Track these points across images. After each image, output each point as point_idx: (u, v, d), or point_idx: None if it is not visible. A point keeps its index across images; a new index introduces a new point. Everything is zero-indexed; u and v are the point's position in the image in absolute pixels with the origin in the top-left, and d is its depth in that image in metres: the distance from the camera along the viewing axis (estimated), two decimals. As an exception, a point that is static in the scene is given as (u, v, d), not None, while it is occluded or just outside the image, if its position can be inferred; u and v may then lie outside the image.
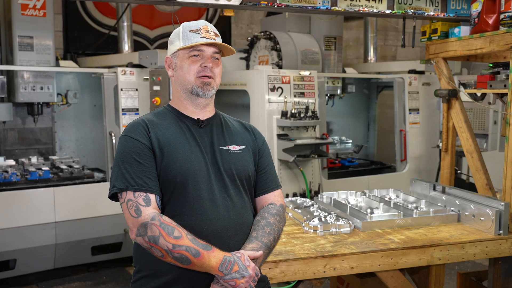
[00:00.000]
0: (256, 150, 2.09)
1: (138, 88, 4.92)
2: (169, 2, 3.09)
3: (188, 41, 1.92)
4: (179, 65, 1.96)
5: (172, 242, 1.74)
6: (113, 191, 1.85)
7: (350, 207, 3.19)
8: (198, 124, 1.98)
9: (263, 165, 2.10)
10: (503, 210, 2.94)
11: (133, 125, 1.93)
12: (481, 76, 3.51)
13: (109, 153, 4.91)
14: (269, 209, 2.04)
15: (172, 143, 1.90)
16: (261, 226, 1.96)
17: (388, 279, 2.80)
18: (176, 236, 1.74)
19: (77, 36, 6.78)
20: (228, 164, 1.97)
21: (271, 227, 1.97)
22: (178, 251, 1.74)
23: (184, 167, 1.87)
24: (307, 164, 5.00)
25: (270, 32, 5.61)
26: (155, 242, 1.75)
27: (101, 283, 4.83)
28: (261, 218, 2.00)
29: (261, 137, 2.15)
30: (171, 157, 1.87)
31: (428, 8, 3.64)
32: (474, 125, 5.50)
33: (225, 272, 1.76)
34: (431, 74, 6.23)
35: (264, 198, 2.08)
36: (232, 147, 2.01)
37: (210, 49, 1.94)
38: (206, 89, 1.94)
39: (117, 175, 1.85)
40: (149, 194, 1.82)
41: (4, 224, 4.38)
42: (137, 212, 1.79)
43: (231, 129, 2.07)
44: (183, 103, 1.99)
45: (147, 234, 1.76)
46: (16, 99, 4.95)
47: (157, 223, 1.76)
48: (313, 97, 5.08)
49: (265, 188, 2.08)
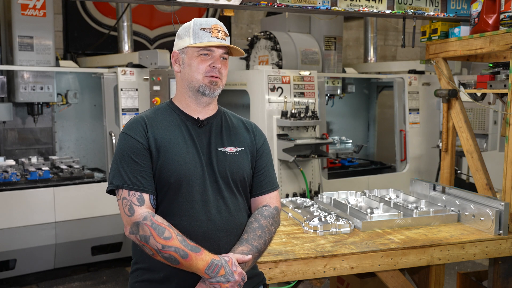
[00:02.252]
0: (255, 151, 2.07)
1: (138, 88, 4.92)
2: (169, 2, 3.09)
3: (198, 39, 1.91)
4: (187, 63, 1.94)
5: (161, 242, 1.76)
6: (109, 187, 1.89)
7: (350, 207, 3.19)
8: (197, 123, 1.97)
9: (261, 166, 2.08)
10: (503, 210, 2.94)
11: (133, 123, 1.93)
12: (481, 76, 3.51)
13: (109, 153, 4.91)
14: (263, 211, 2.02)
15: (169, 144, 1.90)
16: (253, 229, 1.95)
17: (388, 279, 2.80)
18: (166, 236, 1.77)
19: (77, 36, 6.78)
20: (223, 166, 1.95)
21: (263, 230, 1.96)
22: (167, 252, 1.76)
23: (179, 168, 1.88)
24: (307, 164, 5.00)
25: (270, 32, 5.61)
26: (146, 241, 1.78)
27: (101, 283, 4.83)
28: (254, 220, 1.99)
29: (262, 136, 2.13)
30: (166, 158, 1.88)
31: (428, 8, 3.64)
32: (474, 125, 5.50)
33: (211, 275, 1.77)
34: (431, 74, 6.23)
35: (259, 199, 2.07)
36: (229, 148, 1.99)
37: (220, 50, 1.95)
38: (213, 88, 1.93)
39: (114, 172, 1.88)
40: (143, 193, 1.85)
41: (4, 224, 4.38)
42: (131, 211, 1.83)
43: (231, 129, 2.04)
44: (187, 101, 1.98)
45: (139, 233, 1.80)
46: (16, 99, 4.95)
47: (149, 223, 1.79)
48: (313, 97, 5.08)
49: (261, 189, 2.07)
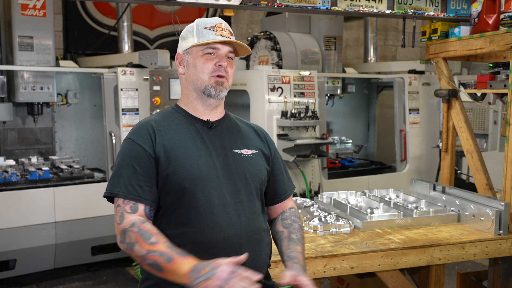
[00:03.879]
0: (269, 156, 2.02)
1: (138, 88, 4.91)
2: (169, 2, 3.09)
3: (203, 38, 1.83)
4: (192, 63, 1.86)
5: (146, 248, 1.63)
6: (105, 194, 1.80)
7: (350, 207, 3.19)
8: (207, 125, 1.89)
9: (278, 171, 2.05)
10: (503, 210, 2.94)
11: (139, 128, 1.84)
12: (481, 76, 3.51)
13: (109, 153, 4.91)
14: (292, 212, 2.06)
15: (179, 148, 1.80)
16: (297, 229, 1.99)
17: (388, 279, 2.80)
18: (152, 242, 1.64)
19: (77, 36, 6.78)
20: (241, 168, 1.88)
21: (300, 231, 2.01)
22: (151, 257, 1.62)
23: (192, 171, 1.78)
24: (307, 164, 5.00)
25: (270, 32, 5.61)
26: (131, 248, 1.67)
27: (101, 283, 4.83)
28: (291, 221, 2.01)
29: (273, 142, 2.08)
30: (178, 162, 1.78)
31: (428, 8, 3.64)
32: (474, 125, 5.50)
33: (196, 277, 1.57)
34: (431, 74, 6.23)
35: (284, 203, 2.07)
36: (244, 151, 1.92)
37: (226, 48, 1.86)
38: (219, 89, 1.87)
39: (113, 178, 1.79)
40: (138, 203, 1.74)
41: (4, 224, 4.38)
42: (120, 219, 1.72)
43: (242, 133, 1.98)
44: (193, 103, 1.90)
45: (125, 241, 1.69)
46: (16, 99, 4.95)
47: (135, 230, 1.67)
48: (313, 97, 5.08)
49: (284, 194, 2.07)
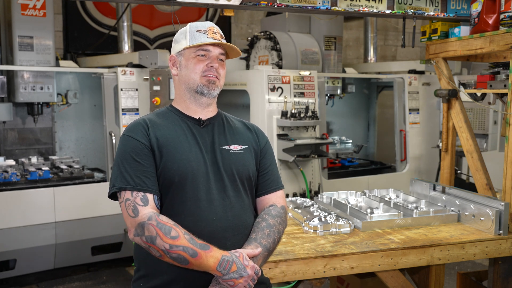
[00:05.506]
0: (258, 150, 2.08)
1: (138, 88, 4.92)
2: (169, 2, 3.09)
3: (195, 40, 1.92)
4: (184, 64, 1.95)
5: (169, 242, 1.72)
6: (112, 190, 1.86)
7: (350, 207, 3.19)
8: (199, 123, 1.98)
9: (265, 166, 2.08)
10: (503, 210, 2.94)
11: (134, 125, 1.93)
12: (481, 76, 3.51)
13: (109, 153, 4.91)
14: (270, 210, 2.02)
15: (171, 143, 1.89)
16: (261, 228, 1.94)
17: (388, 279, 2.80)
18: (173, 236, 1.73)
19: (77, 36, 6.78)
20: (228, 164, 1.95)
21: (271, 229, 1.95)
22: (175, 251, 1.72)
23: (182, 166, 1.86)
24: (307, 164, 5.00)
25: (270, 32, 5.61)
26: (153, 242, 1.74)
27: (101, 283, 4.83)
28: (261, 219, 1.98)
29: (264, 137, 2.14)
30: (169, 157, 1.87)
31: (428, 8, 3.64)
32: (474, 125, 5.50)
33: (224, 272, 1.75)
34: (431, 74, 6.23)
35: (265, 199, 2.07)
36: (233, 146, 1.99)
37: (217, 50, 1.94)
38: (211, 87, 1.94)
39: (116, 174, 1.85)
40: (147, 193, 1.82)
41: (4, 224, 4.38)
42: (135, 212, 1.79)
43: (233, 129, 2.05)
44: (186, 103, 1.99)
45: (144, 234, 1.75)
46: (16, 99, 4.95)
47: (154, 223, 1.75)
48: (313, 97, 5.08)
49: (267, 188, 2.07)
